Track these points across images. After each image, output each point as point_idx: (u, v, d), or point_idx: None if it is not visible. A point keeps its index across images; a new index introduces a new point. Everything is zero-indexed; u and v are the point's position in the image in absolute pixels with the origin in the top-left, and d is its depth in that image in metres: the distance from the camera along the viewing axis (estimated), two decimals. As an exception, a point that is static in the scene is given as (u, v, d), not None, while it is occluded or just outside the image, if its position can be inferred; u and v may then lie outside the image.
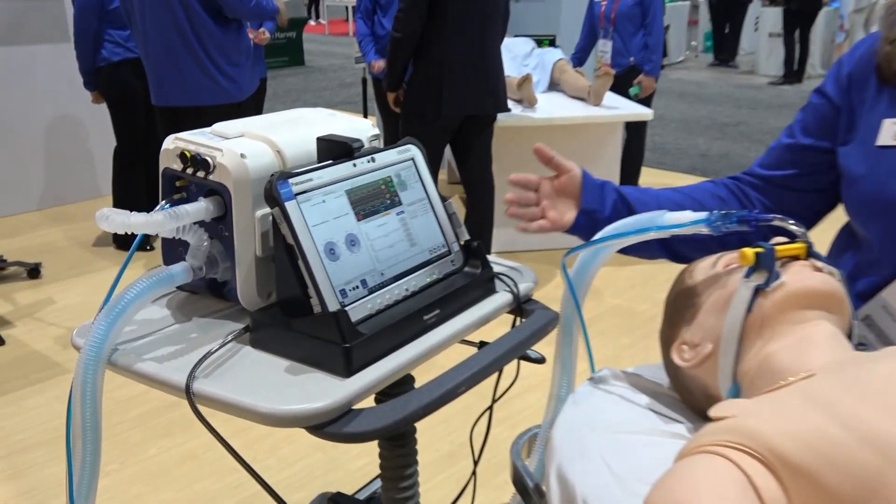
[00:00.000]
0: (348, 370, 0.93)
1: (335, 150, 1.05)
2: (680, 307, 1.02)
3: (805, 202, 1.19)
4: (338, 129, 1.13)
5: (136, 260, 3.95)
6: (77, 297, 3.70)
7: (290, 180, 0.97)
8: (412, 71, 3.33)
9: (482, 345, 1.15)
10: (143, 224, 0.96)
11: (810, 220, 1.19)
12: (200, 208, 1.02)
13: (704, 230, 0.98)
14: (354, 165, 1.06)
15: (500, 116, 3.83)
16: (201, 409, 0.91)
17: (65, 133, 4.99)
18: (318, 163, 1.05)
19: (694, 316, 0.99)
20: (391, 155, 1.11)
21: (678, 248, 1.21)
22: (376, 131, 1.19)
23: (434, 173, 1.20)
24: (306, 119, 1.17)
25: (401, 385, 1.05)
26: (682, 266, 1.25)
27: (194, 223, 1.03)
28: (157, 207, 1.05)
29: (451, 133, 3.43)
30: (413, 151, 1.15)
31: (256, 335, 1.01)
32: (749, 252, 0.92)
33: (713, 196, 1.23)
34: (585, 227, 1.17)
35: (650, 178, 5.49)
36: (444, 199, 1.15)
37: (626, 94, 4.46)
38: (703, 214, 0.98)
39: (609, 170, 4.15)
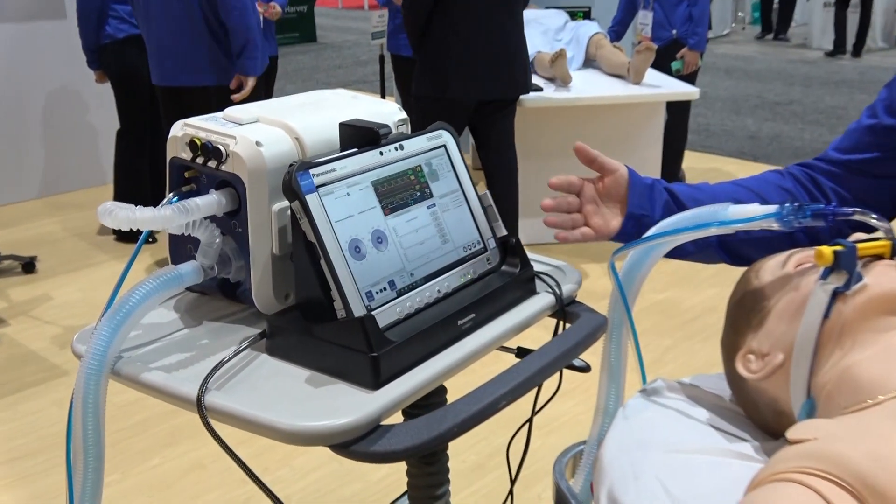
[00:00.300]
0: (376, 382, 0.91)
1: (360, 136, 1.03)
2: (745, 312, 0.99)
3: (886, 190, 1.15)
4: (361, 112, 1.11)
5: (141, 252, 3.97)
6: (75, 293, 3.72)
7: (311, 171, 0.96)
8: (419, 50, 3.33)
9: (520, 351, 1.14)
10: (149, 220, 0.95)
11: (891, 213, 1.15)
12: (212, 202, 1.00)
13: (774, 225, 0.94)
14: (381, 154, 1.04)
15: (530, 96, 3.79)
16: (214, 423, 0.90)
17: (66, 116, 5.00)
18: (341, 151, 1.03)
19: (762, 322, 0.96)
20: (421, 142, 1.09)
21: (740, 249, 1.18)
22: (403, 115, 1.17)
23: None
24: (327, 102, 1.16)
25: (432, 397, 1.03)
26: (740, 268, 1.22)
27: (205, 218, 1.02)
28: (165, 201, 1.04)
29: (467, 117, 3.40)
30: (445, 137, 1.12)
31: (273, 342, 0.99)
32: (826, 251, 0.89)
33: (779, 189, 1.19)
34: (633, 233, 1.14)
35: (694, 162, 5.43)
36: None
37: (667, 71, 4.40)
38: (772, 207, 0.95)
39: (649, 154, 4.11)
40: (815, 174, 1.20)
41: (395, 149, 1.05)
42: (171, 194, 1.05)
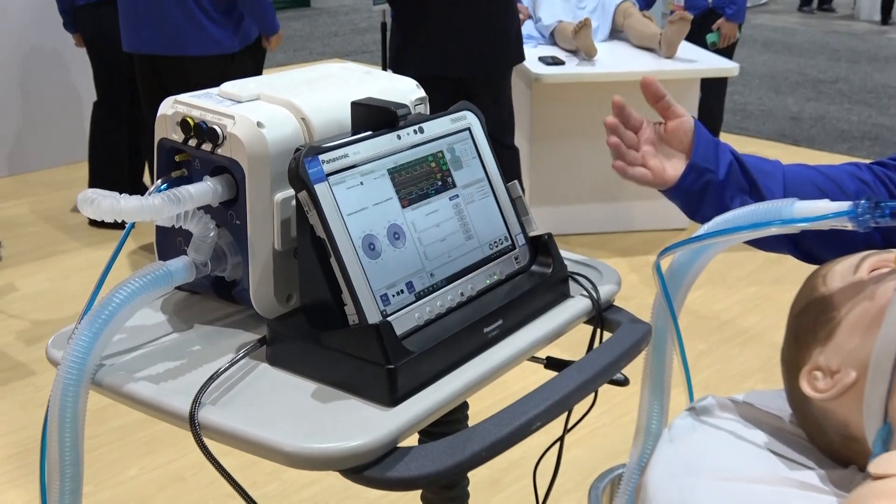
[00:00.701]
0: (393, 398, 0.89)
1: (375, 117, 1.01)
2: (812, 323, 0.96)
3: None
4: (375, 90, 1.09)
5: (116, 238, 3.94)
6: (42, 283, 3.70)
7: (321, 157, 0.94)
8: (394, 16, 3.39)
9: (550, 361, 1.12)
10: (136, 210, 0.93)
11: None
12: (206, 190, 0.99)
13: (848, 225, 0.91)
14: (399, 138, 1.02)
15: (549, 71, 3.76)
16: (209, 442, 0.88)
17: (43, 82, 4.94)
18: (353, 134, 1.01)
19: (831, 335, 0.93)
20: (443, 124, 1.07)
21: (809, 245, 1.15)
22: (422, 93, 1.15)
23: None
24: (335, 78, 1.14)
25: (452, 414, 1.01)
26: (799, 262, 1.20)
27: (198, 208, 1.00)
28: (153, 188, 1.02)
29: (451, 94, 3.37)
30: (469, 119, 1.10)
31: (275, 350, 0.98)
32: (908, 255, 0.86)
33: (855, 180, 1.16)
34: (692, 187, 1.12)
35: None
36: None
37: (702, 44, 4.36)
38: (845, 205, 0.92)
39: (682, 136, 4.08)
40: (891, 172, 1.17)
41: (415, 132, 1.04)
42: (160, 181, 1.04)
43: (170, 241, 1.07)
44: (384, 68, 5.25)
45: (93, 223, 4.23)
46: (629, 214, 4.15)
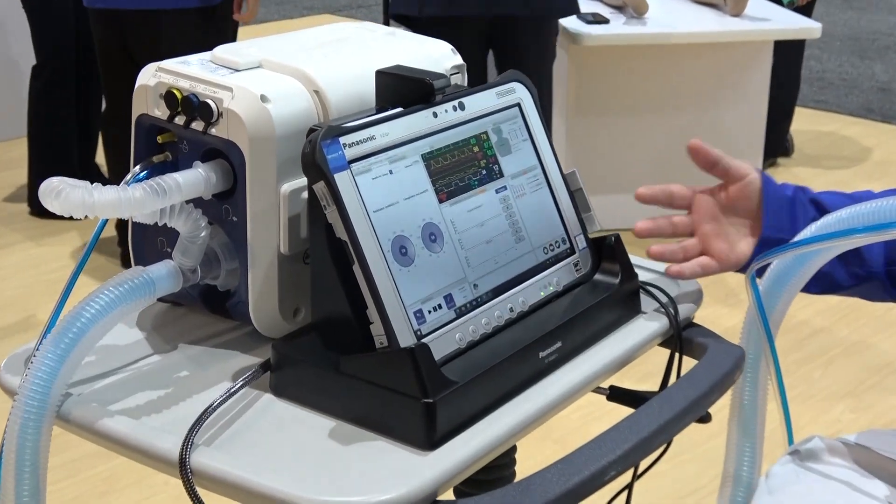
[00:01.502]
0: (431, 439, 0.88)
1: (406, 91, 1.00)
2: None
3: None
4: (401, 55, 1.09)
5: (63, 230, 3.94)
6: (-25, 285, 3.70)
7: (342, 139, 0.92)
8: None
9: (616, 392, 1.11)
10: (112, 204, 0.92)
11: None
12: (196, 179, 0.98)
13: None
14: (435, 116, 1.01)
15: (591, 31, 3.73)
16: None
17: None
18: (379, 110, 1.00)
19: None
20: (488, 98, 1.06)
21: None
22: (458, 59, 1.15)
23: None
24: (352, 40, 1.13)
25: (500, 457, 0.99)
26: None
27: (186, 202, 0.98)
28: (129, 176, 1.01)
29: (479, 48, 3.32)
30: (520, 92, 1.10)
31: (281, 378, 0.97)
32: None
33: None
34: (778, 251, 1.10)
35: (803, 122, 5.37)
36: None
37: (776, 0, 4.34)
38: None
39: (751, 112, 4.05)
40: None
41: (454, 108, 1.03)
42: (138, 167, 1.03)
43: (149, 242, 1.06)
44: (386, 23, 5.25)
45: (35, 213, 4.22)
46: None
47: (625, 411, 1.15)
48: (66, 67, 4.09)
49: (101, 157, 4.27)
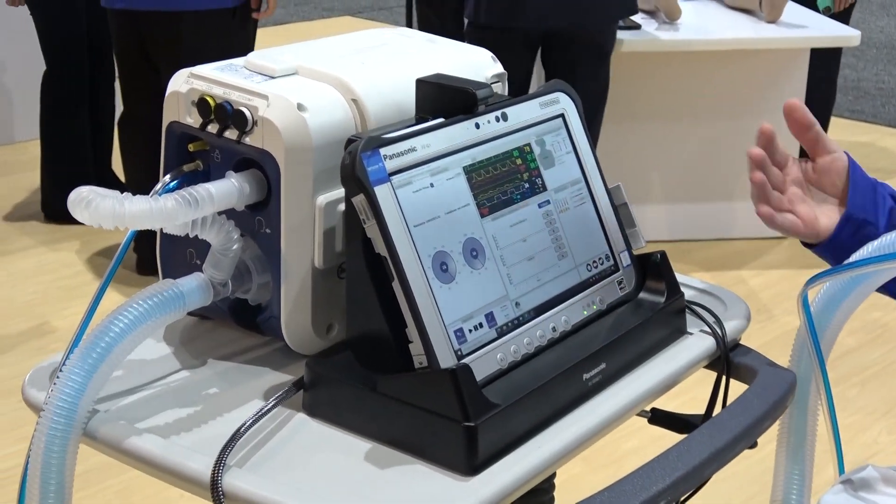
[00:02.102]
0: (472, 463, 0.87)
1: (448, 100, 1.00)
2: None
3: None
4: (442, 63, 1.08)
5: (78, 236, 3.94)
6: (-14, 290, 3.70)
7: (383, 150, 0.92)
8: None
9: (658, 415, 1.10)
10: (144, 214, 0.91)
11: None
12: (229, 190, 0.97)
13: None
14: (477, 127, 1.00)
15: (623, 37, 3.72)
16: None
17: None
18: (419, 121, 1.00)
19: None
20: (531, 109, 1.06)
21: None
22: (499, 68, 1.14)
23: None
24: (390, 47, 1.13)
25: (541, 483, 0.98)
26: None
27: (219, 213, 0.98)
28: (159, 185, 1.01)
29: (529, 58, 3.32)
30: (563, 103, 1.09)
31: (315, 397, 0.96)
32: None
33: None
34: (847, 242, 1.10)
35: (839, 132, 5.33)
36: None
37: (812, 6, 4.32)
38: None
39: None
40: None
41: (496, 119, 1.02)
42: (168, 176, 1.02)
43: (178, 254, 1.06)
44: (409, 26, 5.25)
45: (49, 219, 4.23)
46: (717, 218, 4.11)
47: (657, 432, 1.14)
48: (78, 73, 4.08)
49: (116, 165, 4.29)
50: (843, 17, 4.42)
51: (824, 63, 4.43)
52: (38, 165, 4.24)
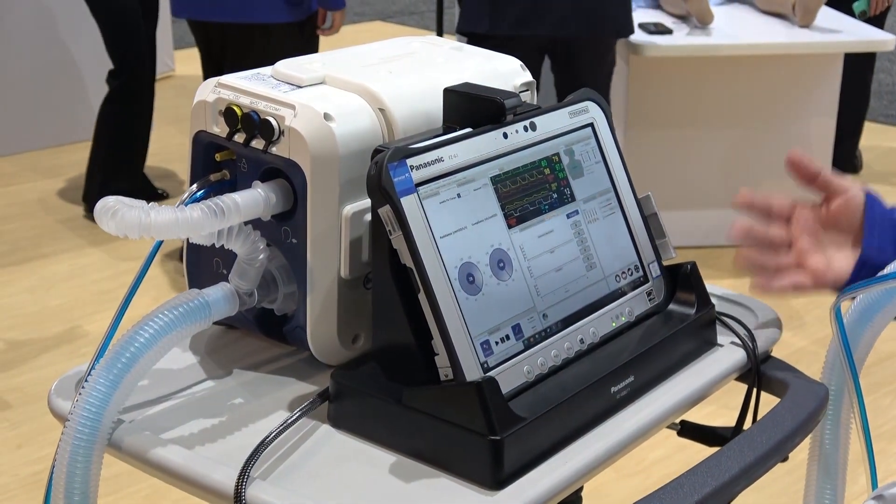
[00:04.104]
0: (498, 477, 0.87)
1: (475, 110, 0.99)
2: None
3: None
4: (470, 72, 1.08)
5: (113, 240, 3.96)
6: (20, 294, 3.73)
7: (409, 161, 0.91)
8: None
9: (687, 427, 1.10)
10: (169, 225, 0.91)
11: None
12: (256, 200, 0.97)
13: None
14: (505, 137, 0.99)
15: (654, 42, 3.70)
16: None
17: (20, 49, 5.00)
18: (446, 131, 0.99)
19: None
20: (560, 118, 1.05)
21: None
22: (528, 77, 1.13)
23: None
24: (418, 56, 1.12)
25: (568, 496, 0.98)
26: None
27: (245, 223, 0.98)
28: (186, 195, 1.01)
29: (533, 66, 3.32)
30: (593, 112, 1.08)
31: (341, 409, 0.96)
32: None
33: None
34: (864, 285, 1.07)
35: (872, 138, 5.28)
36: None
37: (847, 10, 4.28)
38: None
39: (820, 126, 4.00)
40: None
41: (525, 129, 1.01)
42: (195, 186, 1.03)
43: (204, 263, 1.06)
44: (439, 33, 5.25)
45: (90, 216, 4.24)
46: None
47: (684, 441, 1.13)
48: (141, 79, 4.10)
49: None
50: (877, 20, 4.39)
51: (858, 67, 4.40)
52: (80, 169, 4.25)
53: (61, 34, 5.00)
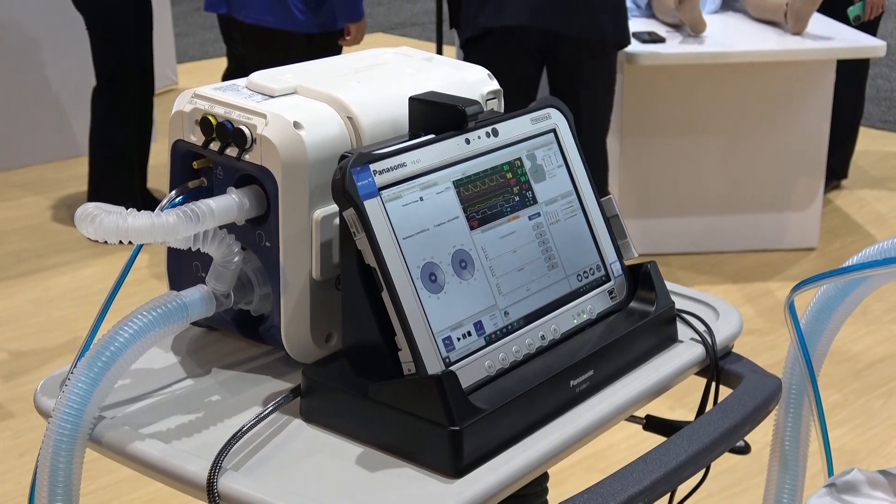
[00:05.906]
0: (457, 466, 0.89)
1: (438, 117, 1.02)
2: None
3: None
4: (437, 81, 1.10)
5: (116, 251, 4.00)
6: (23, 306, 3.76)
7: (372, 166, 0.94)
8: None
9: (652, 422, 1.12)
10: (146, 229, 0.94)
11: None
12: (230, 205, 1.00)
13: None
14: (468, 142, 1.02)
15: (646, 50, 3.73)
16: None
17: (19, 64, 5.04)
18: (410, 137, 1.02)
19: None
20: (522, 124, 1.08)
21: None
22: (495, 85, 1.16)
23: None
24: (389, 66, 1.15)
25: (531, 486, 1.00)
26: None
27: (220, 227, 1.01)
28: (165, 201, 1.03)
29: (528, 67, 3.33)
30: (555, 118, 1.11)
31: (311, 404, 0.99)
32: None
33: None
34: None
35: (869, 143, 5.30)
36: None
37: (841, 16, 4.30)
38: None
39: (813, 132, 4.01)
40: None
41: (487, 135, 1.04)
42: (174, 192, 1.05)
43: (184, 267, 1.09)
44: (439, 44, 5.28)
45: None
46: (744, 230, 4.09)
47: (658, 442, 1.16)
48: (126, 91, 4.11)
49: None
50: (871, 26, 4.40)
51: (852, 74, 4.41)
52: (75, 183, 4.29)
53: (63, 47, 5.03)
